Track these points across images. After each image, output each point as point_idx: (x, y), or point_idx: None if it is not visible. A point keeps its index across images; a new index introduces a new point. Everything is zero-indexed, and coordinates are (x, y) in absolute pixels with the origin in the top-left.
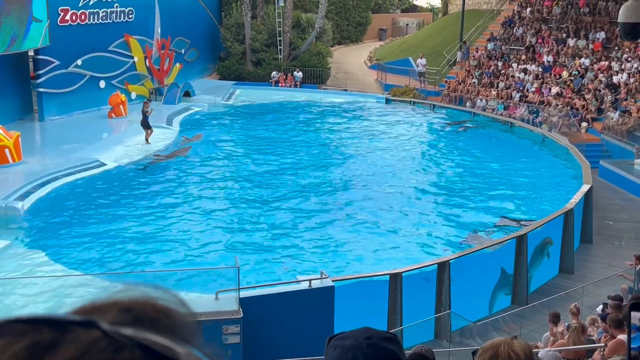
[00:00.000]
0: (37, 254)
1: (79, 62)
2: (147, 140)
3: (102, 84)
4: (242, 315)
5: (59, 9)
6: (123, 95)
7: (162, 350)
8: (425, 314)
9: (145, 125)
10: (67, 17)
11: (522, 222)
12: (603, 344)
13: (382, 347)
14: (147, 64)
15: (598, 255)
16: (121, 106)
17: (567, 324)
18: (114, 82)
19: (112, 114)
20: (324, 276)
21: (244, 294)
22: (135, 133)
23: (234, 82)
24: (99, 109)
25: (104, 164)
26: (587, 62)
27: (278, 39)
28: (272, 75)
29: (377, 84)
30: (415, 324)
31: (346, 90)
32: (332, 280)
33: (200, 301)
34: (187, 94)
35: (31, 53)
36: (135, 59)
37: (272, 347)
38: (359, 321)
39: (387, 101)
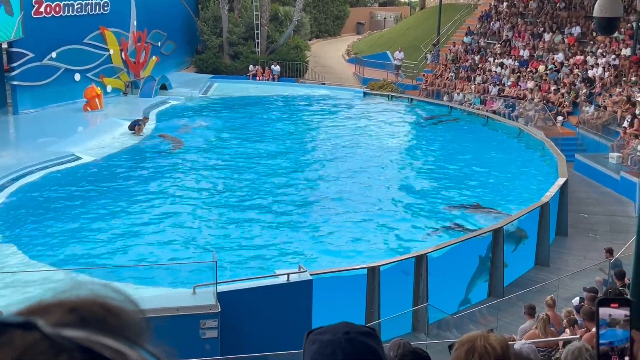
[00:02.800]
0: (10, 248)
1: (54, 54)
2: (139, 133)
3: (77, 76)
4: (220, 309)
5: (33, 0)
6: (98, 88)
7: (108, 354)
8: (403, 307)
9: (132, 128)
10: (42, 9)
11: (493, 210)
12: (578, 336)
13: (361, 341)
14: (123, 56)
15: (573, 248)
16: (97, 99)
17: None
18: (89, 75)
19: (88, 107)
20: (302, 270)
21: (222, 288)
22: (111, 126)
23: (211, 75)
24: (74, 102)
25: (79, 158)
26: (561, 56)
27: (255, 32)
28: (249, 68)
29: (355, 77)
30: (393, 317)
31: (324, 83)
32: (310, 274)
33: (178, 296)
34: (164, 87)
35: (5, 45)
36: (111, 51)
37: (250, 341)
38: (337, 315)
39: (365, 95)
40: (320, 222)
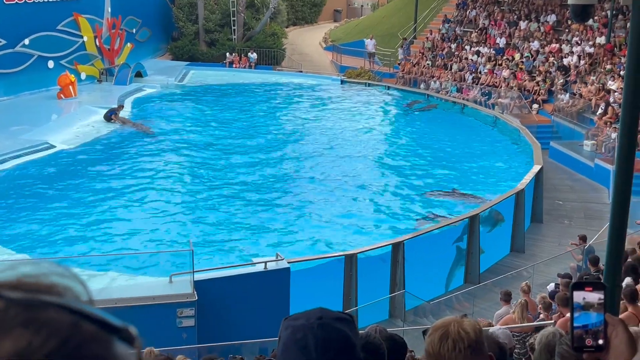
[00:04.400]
0: None
1: (27, 41)
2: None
3: (51, 64)
4: (196, 298)
5: None
6: (72, 75)
7: (87, 312)
8: (380, 293)
9: (108, 119)
10: None
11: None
12: (552, 321)
13: (333, 327)
14: (97, 43)
15: (548, 235)
16: (70, 87)
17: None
18: (63, 62)
19: (61, 95)
20: (279, 258)
21: (199, 276)
22: (86, 114)
23: (187, 62)
24: (48, 89)
25: (53, 146)
26: (537, 44)
27: (232, 19)
28: (226, 56)
29: (332, 65)
30: (370, 303)
31: (301, 71)
32: (288, 262)
33: (154, 284)
34: (139, 75)
35: None
36: (85, 38)
37: (227, 330)
38: (315, 302)
39: (343, 82)
40: (298, 210)
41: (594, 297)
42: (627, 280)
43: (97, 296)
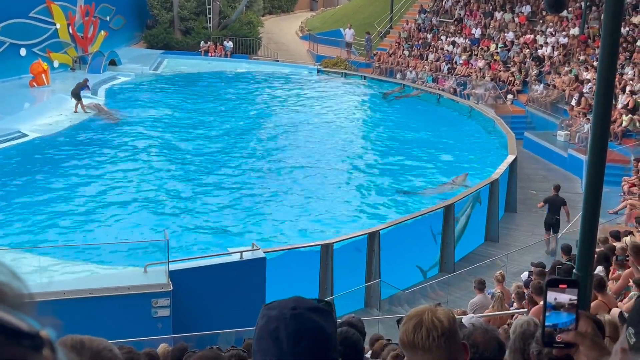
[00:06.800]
0: None
1: None
2: (76, 109)
3: (23, 51)
4: (172, 288)
5: None
6: (45, 63)
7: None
8: (356, 283)
9: (76, 96)
10: None
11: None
12: (525, 310)
13: (306, 318)
14: (70, 31)
15: (521, 224)
16: (43, 75)
17: (490, 291)
18: (35, 49)
19: (34, 83)
20: (255, 248)
21: (174, 266)
22: (59, 103)
23: (162, 51)
24: (20, 77)
25: (25, 135)
26: (511, 35)
27: (207, 7)
28: (201, 44)
29: (308, 54)
30: (346, 293)
31: (277, 60)
32: (264, 252)
33: (129, 275)
34: (113, 63)
35: None
36: (58, 25)
37: (203, 320)
38: (291, 292)
39: (319, 72)
40: (274, 200)
41: (565, 297)
42: (598, 268)
43: (71, 286)
